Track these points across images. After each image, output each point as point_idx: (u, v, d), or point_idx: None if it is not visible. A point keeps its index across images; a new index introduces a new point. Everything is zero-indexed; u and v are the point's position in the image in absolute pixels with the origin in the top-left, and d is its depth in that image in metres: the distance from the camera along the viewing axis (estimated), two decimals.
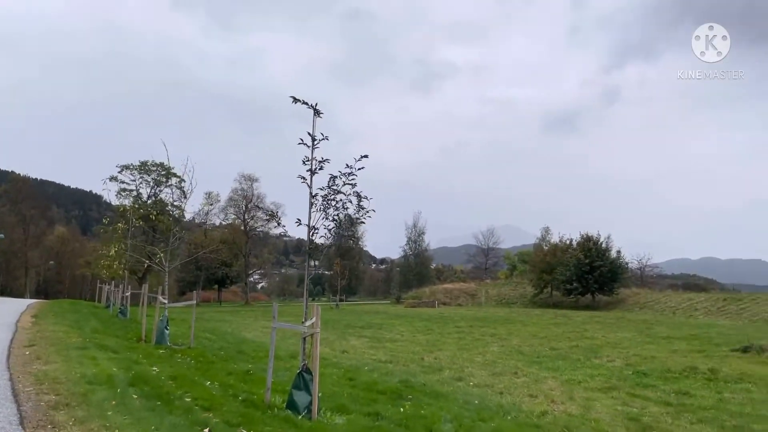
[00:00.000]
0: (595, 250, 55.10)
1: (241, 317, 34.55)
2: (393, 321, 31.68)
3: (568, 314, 42.64)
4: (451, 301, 60.59)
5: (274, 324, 8.17)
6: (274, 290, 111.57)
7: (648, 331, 27.41)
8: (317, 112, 7.67)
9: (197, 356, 12.45)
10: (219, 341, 17.34)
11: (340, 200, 7.70)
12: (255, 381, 9.75)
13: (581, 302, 56.32)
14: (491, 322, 31.66)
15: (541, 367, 14.92)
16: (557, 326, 29.88)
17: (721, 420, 8.93)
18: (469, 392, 10.69)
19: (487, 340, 21.88)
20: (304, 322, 7.91)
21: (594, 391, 11.55)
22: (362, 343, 19.67)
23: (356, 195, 7.75)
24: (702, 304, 47.08)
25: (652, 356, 17.59)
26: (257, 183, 66.43)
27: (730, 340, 23.05)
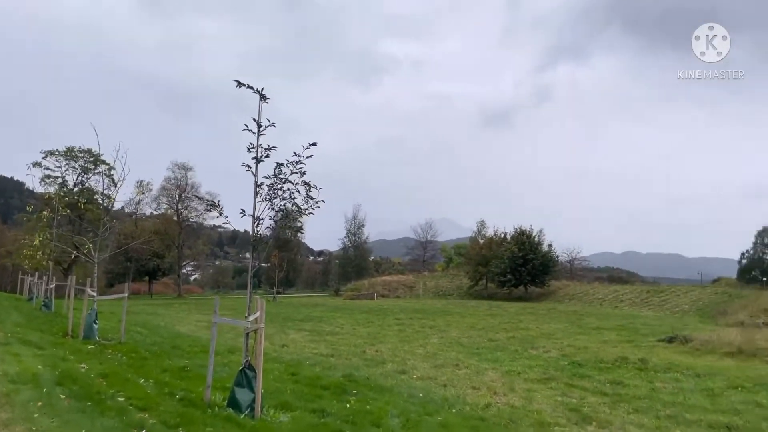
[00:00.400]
0: (528, 244, 56.57)
1: (174, 310, 33.50)
2: (333, 314, 31.47)
3: (503, 306, 43.59)
4: (389, 293, 60.84)
5: (215, 319, 7.81)
6: (208, 282, 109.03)
7: (579, 322, 28.32)
8: (263, 97, 7.37)
9: (129, 352, 11.88)
10: (152, 336, 16.66)
11: (287, 190, 7.44)
12: (192, 378, 9.35)
13: (514, 294, 57.75)
14: (430, 314, 31.95)
15: (481, 358, 15.10)
16: (493, 317, 30.47)
17: (655, 409, 9.23)
18: (413, 385, 10.65)
19: (427, 332, 22.02)
20: (247, 317, 7.61)
21: (533, 382, 11.75)
22: (302, 337, 19.38)
23: (305, 184, 7.50)
24: (627, 295, 49.15)
25: (584, 347, 18.14)
26: (192, 172, 64.59)
27: (655, 330, 24.10)
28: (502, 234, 63.98)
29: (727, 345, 17.51)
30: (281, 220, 7.53)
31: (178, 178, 62.27)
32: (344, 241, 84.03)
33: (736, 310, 31.51)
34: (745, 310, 30.33)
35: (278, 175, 7.44)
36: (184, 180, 62.75)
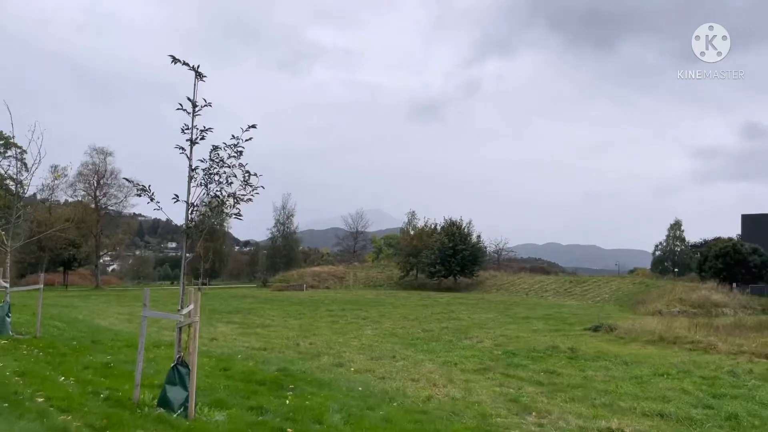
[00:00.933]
0: (459, 235, 57.54)
1: (93, 302, 31.79)
2: (262, 305, 30.79)
3: (433, 296, 44.14)
4: (319, 284, 60.29)
5: (145, 312, 7.29)
6: (127, 273, 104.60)
7: (508, 312, 28.99)
8: (199, 75, 6.87)
9: (46, 347, 11.02)
10: (70, 330, 15.63)
11: (224, 174, 6.98)
12: (117, 375, 8.73)
13: (444, 284, 58.63)
14: (362, 305, 31.84)
15: (416, 349, 15.05)
16: (425, 308, 30.71)
17: (591, 398, 9.39)
18: (352, 379, 10.41)
19: (361, 324, 21.85)
20: (180, 310, 7.12)
21: (471, 372, 11.77)
22: (232, 330, 18.75)
23: (242, 169, 7.06)
24: (551, 285, 50.92)
25: (516, 336, 18.48)
26: (111, 157, 61.45)
27: (581, 319, 24.94)
28: (432, 225, 64.78)
29: (648, 333, 18.29)
30: (217, 207, 7.07)
31: (97, 163, 59.15)
32: (273, 231, 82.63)
33: (652, 299, 33.17)
34: (661, 299, 31.97)
35: (214, 159, 6.98)
36: (103, 165, 59.72)
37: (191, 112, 6.88)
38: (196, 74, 6.88)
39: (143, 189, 6.90)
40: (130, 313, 24.58)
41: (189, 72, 6.89)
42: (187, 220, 7.00)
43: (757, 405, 8.95)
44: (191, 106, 6.86)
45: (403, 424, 7.21)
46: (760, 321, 20.93)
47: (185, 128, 6.90)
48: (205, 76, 6.89)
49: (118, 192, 60.91)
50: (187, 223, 7.01)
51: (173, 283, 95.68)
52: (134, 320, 21.05)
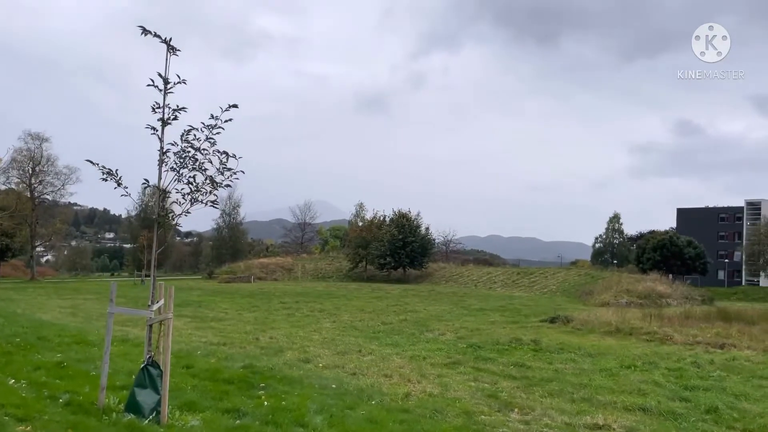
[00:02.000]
0: (408, 227, 57.58)
1: (30, 295, 30.09)
2: (212, 298, 29.83)
3: (384, 288, 43.98)
4: (267, 276, 59.24)
5: (111, 308, 6.68)
6: (64, 264, 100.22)
7: (461, 304, 29.10)
8: (172, 48, 6.30)
9: None
10: (10, 325, 14.54)
11: (196, 158, 6.44)
12: (73, 376, 8.05)
13: (393, 276, 58.65)
14: (315, 297, 31.33)
15: (380, 343, 14.77)
16: (379, 300, 30.49)
17: (567, 392, 9.31)
18: (322, 375, 10.00)
19: (317, 316, 21.42)
20: (150, 306, 6.56)
21: (441, 367, 11.56)
22: (185, 324, 17.94)
23: (222, 153, 6.53)
24: (499, 277, 51.61)
25: (476, 328, 18.46)
26: (48, 143, 58.35)
27: (534, 311, 25.24)
28: (381, 217, 64.56)
29: (605, 325, 18.58)
30: (191, 193, 6.51)
31: (32, 149, 55.99)
32: (218, 222, 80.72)
33: (600, 290, 34.01)
34: (608, 291, 32.80)
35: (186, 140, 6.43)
36: (39, 152, 56.64)
37: (162, 89, 6.31)
38: (168, 47, 6.31)
39: (109, 173, 6.29)
40: (73, 306, 23.34)
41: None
42: (158, 208, 6.43)
43: (731, 397, 9.07)
44: (162, 83, 6.30)
45: (389, 425, 6.88)
46: (707, 311, 21.63)
47: (156, 107, 6.34)
48: (178, 49, 6.33)
49: (54, 180, 58.03)
50: (158, 212, 6.45)
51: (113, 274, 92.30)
52: (78, 314, 19.97)
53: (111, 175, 6.30)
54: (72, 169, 59.84)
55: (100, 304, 24.98)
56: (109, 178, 6.30)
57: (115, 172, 6.31)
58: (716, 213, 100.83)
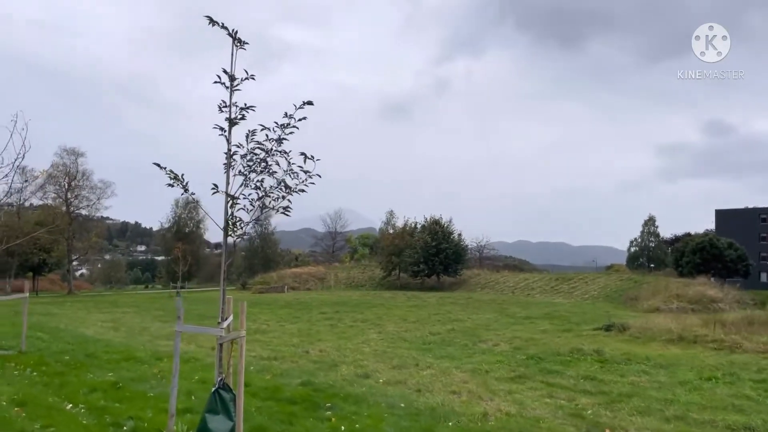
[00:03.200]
0: (441, 233, 56.76)
1: (70, 309, 30.08)
2: (251, 309, 29.40)
3: (419, 296, 43.19)
4: (300, 286, 58.95)
5: (179, 327, 6.15)
6: (98, 277, 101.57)
7: (505, 311, 28.23)
8: (239, 42, 5.78)
9: (37, 365, 9.78)
10: (56, 342, 14.27)
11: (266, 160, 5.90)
12: (132, 398, 7.57)
13: (427, 283, 57.80)
14: (353, 307, 30.75)
15: (435, 355, 14.12)
16: (419, 309, 29.79)
17: (656, 409, 8.56)
18: (386, 393, 9.38)
19: (362, 327, 20.82)
20: (220, 323, 6.02)
21: (507, 381, 10.87)
22: None
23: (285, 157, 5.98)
24: (537, 283, 50.44)
25: (529, 338, 17.67)
26: (83, 158, 59.10)
27: (584, 318, 24.31)
28: (413, 224, 63.80)
29: (665, 332, 17.63)
30: (260, 199, 5.96)
31: (68, 164, 56.79)
32: (249, 232, 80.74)
33: (647, 296, 32.79)
34: (657, 296, 31.59)
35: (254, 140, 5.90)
36: (75, 166, 57.36)
37: (229, 86, 5.80)
38: (234, 40, 5.80)
39: (175, 177, 5.79)
40: (113, 320, 23.13)
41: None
42: (227, 216, 5.90)
43: None
44: (229, 80, 5.79)
45: None
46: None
47: (223, 106, 5.82)
48: (246, 42, 5.81)
49: (90, 194, 58.69)
50: (227, 219, 5.91)
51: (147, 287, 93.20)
52: (120, 328, 19.69)
53: (177, 180, 5.80)
54: (107, 183, 60.55)
55: (140, 317, 24.79)
56: (176, 183, 5.80)
57: (181, 177, 5.81)
58: (757, 213, 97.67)
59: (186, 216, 73.79)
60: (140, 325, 21.30)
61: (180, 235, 69.25)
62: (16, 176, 12.07)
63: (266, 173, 6.04)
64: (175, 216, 72.83)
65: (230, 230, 5.98)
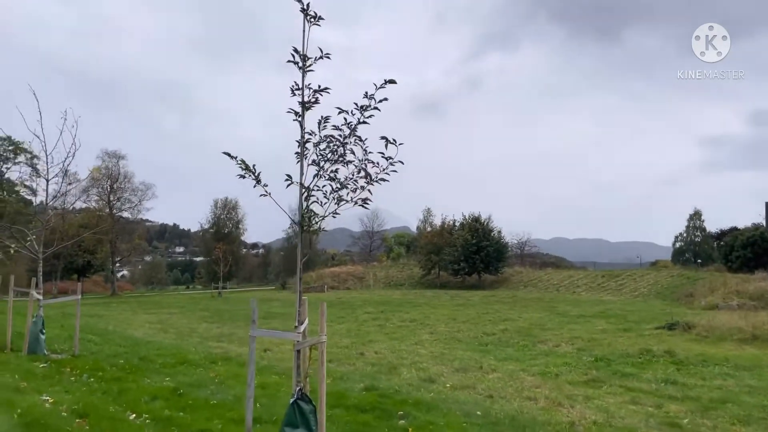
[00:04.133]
0: (482, 230, 55.79)
1: (116, 311, 30.28)
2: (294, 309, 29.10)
3: (462, 294, 42.42)
4: (339, 285, 58.74)
5: (254, 332, 5.69)
6: (140, 279, 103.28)
7: (554, 310, 27.32)
8: (313, 17, 5.26)
9: (93, 369, 9.46)
10: (107, 344, 14.06)
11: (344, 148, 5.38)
12: (195, 407, 7.13)
13: (467, 282, 56.91)
14: (397, 306, 30.22)
15: (495, 357, 13.47)
16: (464, 308, 29.08)
17: (759, 418, 7.79)
18: (458, 399, 8.79)
19: (411, 327, 20.26)
20: (297, 326, 5.54)
21: (582, 385, 10.16)
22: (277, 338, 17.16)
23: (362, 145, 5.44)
24: (582, 281, 49.09)
25: (590, 338, 16.84)
26: (124, 161, 59.98)
27: (642, 317, 23.29)
28: (450, 222, 62.89)
29: (736, 331, 16.62)
30: (335, 191, 5.43)
31: (110, 167, 57.71)
32: (288, 232, 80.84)
33: (703, 292, 31.40)
34: (715, 292, 30.18)
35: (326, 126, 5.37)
36: (116, 169, 58.27)
37: (302, 66, 5.30)
38: (305, 17, 5.28)
39: (247, 168, 5.32)
40: (160, 321, 23.08)
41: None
42: (301, 209, 5.39)
43: None
44: (301, 60, 5.28)
45: None
46: None
47: (295, 88, 5.32)
48: (321, 18, 5.29)
49: (132, 196, 59.51)
50: (302, 213, 5.40)
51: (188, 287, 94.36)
52: (168, 330, 19.55)
53: (249, 171, 5.32)
54: (148, 185, 61.31)
55: (186, 318, 24.71)
56: (247, 174, 5.33)
57: (253, 167, 5.33)
58: None
59: (225, 216, 74.37)
60: (187, 326, 21.15)
61: (219, 235, 69.72)
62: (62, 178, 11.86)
63: (341, 163, 5.52)
64: (215, 217, 73.42)
65: (305, 225, 5.47)
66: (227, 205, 74.43)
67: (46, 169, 11.89)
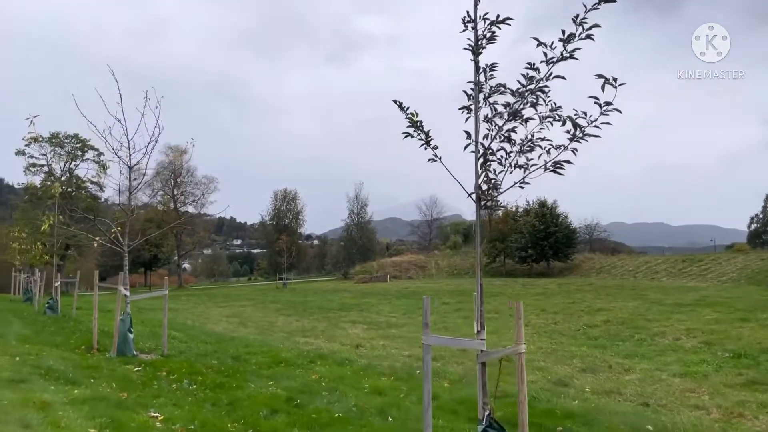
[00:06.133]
0: (550, 216, 53.70)
1: (186, 304, 30.06)
2: (366, 300, 28.21)
3: (534, 282, 40.65)
4: (401, 274, 57.78)
5: (427, 339, 4.59)
6: (203, 271, 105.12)
7: (646, 298, 25.41)
8: None
9: (190, 373, 8.57)
10: (192, 341, 13.32)
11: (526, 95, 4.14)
12: (325, 423, 6.05)
13: (535, 269, 55.01)
14: (469, 296, 28.74)
15: (616, 353, 12.03)
16: (546, 297, 27.50)
17: None
18: (612, 409, 7.45)
19: (500, 319, 18.88)
20: (479, 333, 4.36)
21: (744, 389, 8.64)
22: (364, 332, 16.15)
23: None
24: (661, 266, 46.52)
25: (708, 329, 15.10)
26: (186, 155, 60.53)
27: (747, 304, 21.20)
28: (513, 207, 60.79)
29: None
30: (522, 152, 4.20)
31: (174, 162, 58.28)
32: (347, 222, 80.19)
33: None
34: None
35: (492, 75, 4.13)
36: (179, 164, 58.82)
37: None
38: None
39: (414, 124, 4.17)
40: (235, 314, 22.52)
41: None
42: (477, 176, 4.19)
43: None
44: None
45: None
46: None
47: (467, 20, 4.12)
48: None
49: (195, 189, 60.02)
50: (478, 183, 4.20)
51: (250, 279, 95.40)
52: (247, 323, 18.90)
53: (416, 128, 4.18)
54: (210, 178, 61.74)
55: (260, 311, 24.08)
56: (415, 132, 4.18)
57: (420, 125, 4.17)
58: None
59: (285, 208, 74.47)
60: (264, 319, 20.45)
61: (279, 227, 69.82)
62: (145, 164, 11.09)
63: (519, 120, 4.28)
64: (275, 208, 73.59)
65: (485, 197, 4.27)
66: (287, 196, 74.48)
67: (128, 155, 11.16)
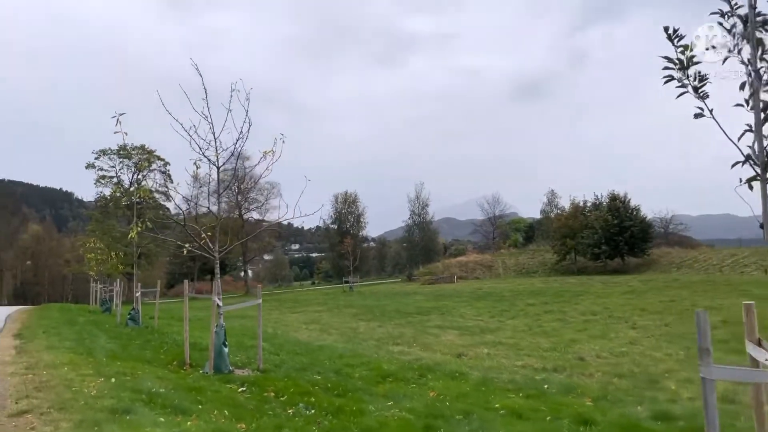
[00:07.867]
0: (624, 210, 51.20)
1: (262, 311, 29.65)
2: (444, 303, 27.08)
3: (613, 280, 38.53)
4: (467, 275, 56.33)
5: (710, 372, 3.87)
6: (266, 276, 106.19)
7: (752, 295, 23.24)
8: None
9: (299, 393, 7.69)
10: (284, 353, 12.56)
11: None
12: None
13: (609, 266, 52.52)
14: (552, 296, 27.20)
15: None
16: (636, 295, 25.62)
17: None
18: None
19: (599, 321, 17.52)
20: None
21: None
22: (458, 338, 15.07)
23: None
24: (749, 259, 43.56)
25: None
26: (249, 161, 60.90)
27: None
28: (581, 202, 58.28)
29: None
30: None
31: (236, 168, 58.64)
32: (408, 223, 79.15)
33: None
34: None
35: None
36: (242, 171, 59.14)
37: None
38: None
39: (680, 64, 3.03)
40: (313, 320, 21.90)
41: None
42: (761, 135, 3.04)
43: None
44: None
45: None
46: None
47: None
48: None
49: (258, 195, 60.33)
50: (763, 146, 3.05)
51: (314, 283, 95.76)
52: (330, 330, 18.25)
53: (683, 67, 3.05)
54: (273, 183, 61.94)
55: (337, 317, 23.36)
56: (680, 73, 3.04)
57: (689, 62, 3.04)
58: None
59: (346, 211, 74.20)
60: (345, 325, 19.68)
61: (342, 230, 69.58)
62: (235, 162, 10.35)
63: None
64: (336, 212, 73.43)
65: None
66: (347, 199, 74.20)
67: (216, 155, 10.49)
